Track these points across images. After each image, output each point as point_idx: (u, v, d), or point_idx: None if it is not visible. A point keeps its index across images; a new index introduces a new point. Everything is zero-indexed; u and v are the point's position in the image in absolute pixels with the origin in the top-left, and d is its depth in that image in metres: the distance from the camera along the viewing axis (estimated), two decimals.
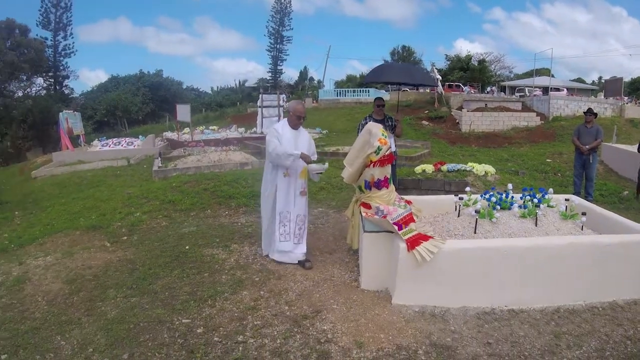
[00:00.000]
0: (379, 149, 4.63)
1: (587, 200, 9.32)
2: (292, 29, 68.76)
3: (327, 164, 5.78)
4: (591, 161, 10.03)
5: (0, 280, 5.48)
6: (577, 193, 10.09)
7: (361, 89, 42.98)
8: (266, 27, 67.89)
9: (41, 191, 12.85)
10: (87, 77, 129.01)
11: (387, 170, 4.90)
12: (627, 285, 4.75)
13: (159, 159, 15.01)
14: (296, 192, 5.60)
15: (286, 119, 5.74)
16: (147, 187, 10.34)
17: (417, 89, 39.64)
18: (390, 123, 7.41)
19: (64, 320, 4.31)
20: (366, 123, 6.74)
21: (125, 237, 7.14)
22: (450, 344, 3.82)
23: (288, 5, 67.01)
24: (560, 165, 15.88)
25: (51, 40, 53.08)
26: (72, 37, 54.63)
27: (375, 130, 4.81)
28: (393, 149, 7.15)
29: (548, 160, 17.32)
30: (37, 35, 50.73)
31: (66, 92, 54.78)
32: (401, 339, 3.86)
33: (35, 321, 4.33)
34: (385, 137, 4.78)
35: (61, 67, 54.50)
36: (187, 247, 6.38)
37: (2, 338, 4.06)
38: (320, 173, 5.71)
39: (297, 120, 5.61)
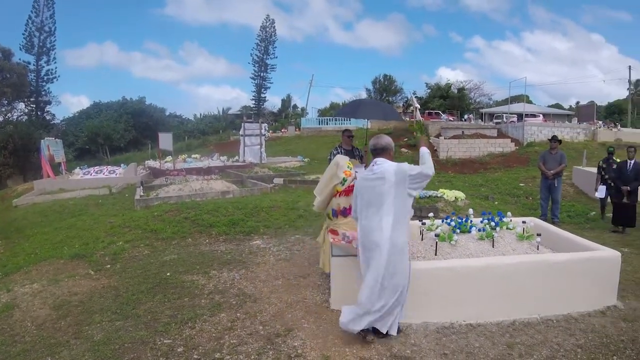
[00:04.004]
0: (344, 180, 5.06)
1: (554, 222, 9.84)
2: (277, 57, 69.71)
3: None
4: (556, 185, 10.58)
5: None
6: (544, 215, 10.60)
7: (344, 118, 43.39)
8: (251, 55, 68.68)
9: (23, 219, 13.02)
10: (69, 102, 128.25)
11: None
12: (581, 298, 5.16)
13: (141, 188, 15.26)
14: None
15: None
16: (129, 216, 10.62)
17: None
18: (358, 153, 7.84)
19: (53, 343, 4.62)
20: (337, 153, 7.16)
21: (108, 266, 7.43)
22: (409, 355, 4.19)
23: (273, 34, 68.10)
24: (533, 189, 16.42)
25: (34, 64, 53.08)
26: (55, 62, 54.78)
27: (342, 163, 5.24)
28: None
29: (521, 184, 17.87)
30: (19, 59, 50.64)
31: (48, 118, 54.51)
32: (364, 352, 4.22)
33: (26, 344, 4.63)
34: (351, 168, 5.21)
35: (43, 93, 54.26)
36: (168, 274, 6.70)
37: None
38: None
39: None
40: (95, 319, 5.18)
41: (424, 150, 4.64)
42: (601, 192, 10.92)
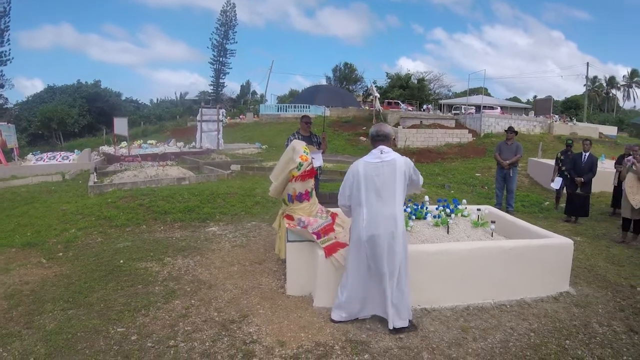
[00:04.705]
0: (300, 165, 5.06)
1: (508, 211, 10.09)
2: (237, 42, 68.80)
3: None
4: (511, 175, 10.83)
5: None
6: (499, 204, 10.86)
7: (303, 105, 43.10)
8: (210, 40, 67.61)
9: None
10: (23, 86, 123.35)
11: (309, 185, 5.33)
12: (534, 284, 5.34)
13: (95, 174, 14.90)
14: None
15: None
16: (83, 203, 10.36)
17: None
18: (316, 139, 7.86)
19: (4, 334, 4.46)
20: (294, 139, 7.18)
21: (61, 254, 7.25)
22: (364, 339, 4.26)
23: (233, 18, 67.18)
24: (488, 179, 16.80)
25: None
26: (9, 44, 52.67)
27: (298, 148, 5.23)
28: (320, 163, 7.58)
29: (477, 174, 18.24)
30: None
31: (0, 102, 52.50)
32: (320, 337, 4.27)
33: None
34: (307, 154, 5.21)
35: None
36: (121, 261, 6.58)
37: None
38: None
39: None
40: (47, 308, 5.04)
41: None
42: (557, 183, 11.25)
